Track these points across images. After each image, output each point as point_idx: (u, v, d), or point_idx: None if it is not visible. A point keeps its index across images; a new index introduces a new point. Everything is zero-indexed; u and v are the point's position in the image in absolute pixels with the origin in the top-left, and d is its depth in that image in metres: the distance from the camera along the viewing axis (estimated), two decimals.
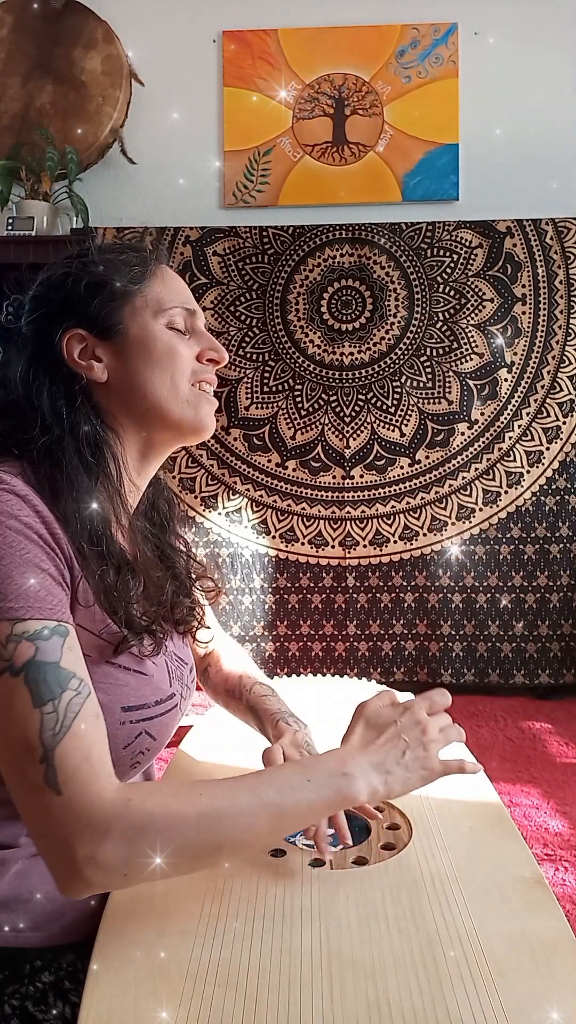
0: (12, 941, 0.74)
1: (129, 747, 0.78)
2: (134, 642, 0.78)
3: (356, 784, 0.71)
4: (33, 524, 0.71)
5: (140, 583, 0.81)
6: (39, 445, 0.76)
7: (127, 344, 0.82)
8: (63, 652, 0.67)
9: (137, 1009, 0.60)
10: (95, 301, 0.81)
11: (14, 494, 0.71)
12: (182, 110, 3.07)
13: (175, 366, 0.83)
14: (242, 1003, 0.60)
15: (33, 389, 0.79)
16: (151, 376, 0.82)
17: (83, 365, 0.81)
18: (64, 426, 0.78)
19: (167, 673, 0.84)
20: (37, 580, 0.68)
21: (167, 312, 0.84)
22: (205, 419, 0.86)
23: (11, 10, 2.95)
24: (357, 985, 0.62)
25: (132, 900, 0.73)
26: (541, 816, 1.73)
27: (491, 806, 0.94)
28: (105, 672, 0.76)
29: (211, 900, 0.73)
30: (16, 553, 0.68)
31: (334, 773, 0.71)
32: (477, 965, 0.64)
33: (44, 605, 0.68)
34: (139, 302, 0.83)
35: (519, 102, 3.00)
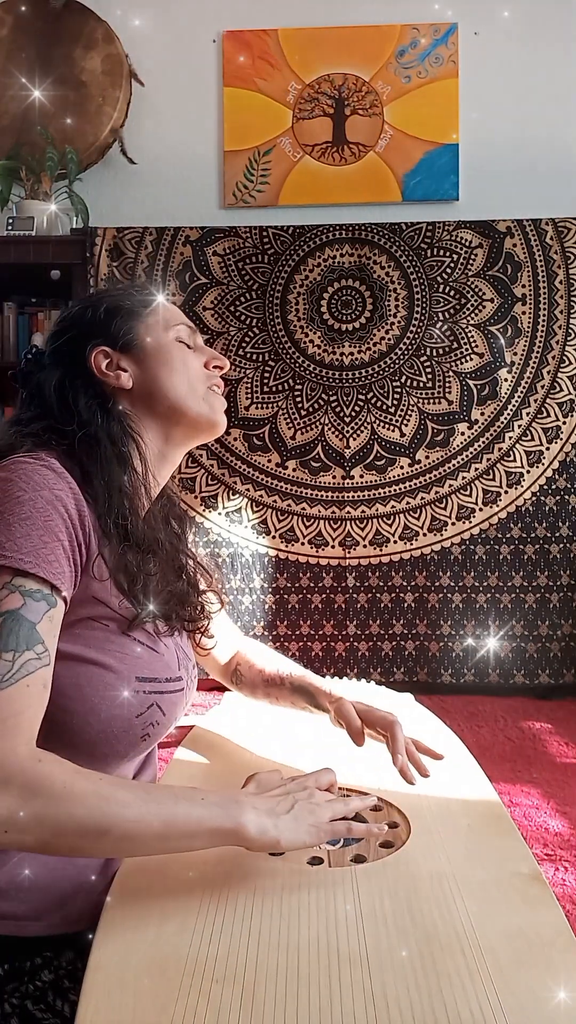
0: (12, 930, 0.74)
1: (141, 716, 0.82)
2: (147, 619, 0.85)
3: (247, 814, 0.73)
4: (63, 498, 0.79)
5: (157, 565, 0.89)
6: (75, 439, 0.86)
7: (146, 355, 0.94)
8: (43, 618, 0.72)
9: (136, 1006, 0.60)
10: (115, 321, 0.94)
11: (51, 470, 0.80)
12: (182, 110, 3.07)
13: (189, 371, 0.96)
14: (240, 999, 0.61)
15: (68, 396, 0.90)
16: (170, 379, 0.94)
17: (110, 375, 0.93)
18: (98, 425, 0.89)
19: (176, 658, 0.90)
20: (51, 546, 0.75)
21: (175, 327, 0.97)
22: (219, 415, 0.97)
23: (11, 10, 2.95)
24: (355, 981, 0.62)
25: (132, 897, 0.73)
26: (541, 816, 1.73)
27: (489, 804, 0.94)
28: (123, 643, 0.83)
29: (210, 897, 0.73)
30: (41, 517, 0.76)
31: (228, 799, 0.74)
32: (475, 961, 0.64)
33: (49, 569, 0.74)
34: (151, 320, 0.96)
35: (519, 102, 3.00)
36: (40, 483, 0.78)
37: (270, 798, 0.77)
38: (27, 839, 0.66)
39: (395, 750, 0.92)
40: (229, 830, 0.72)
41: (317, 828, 0.76)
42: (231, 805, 0.73)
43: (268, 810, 0.74)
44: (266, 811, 0.74)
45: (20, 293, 2.96)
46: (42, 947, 0.75)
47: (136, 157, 3.04)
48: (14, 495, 0.76)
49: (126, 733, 0.80)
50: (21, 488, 0.76)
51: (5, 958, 0.73)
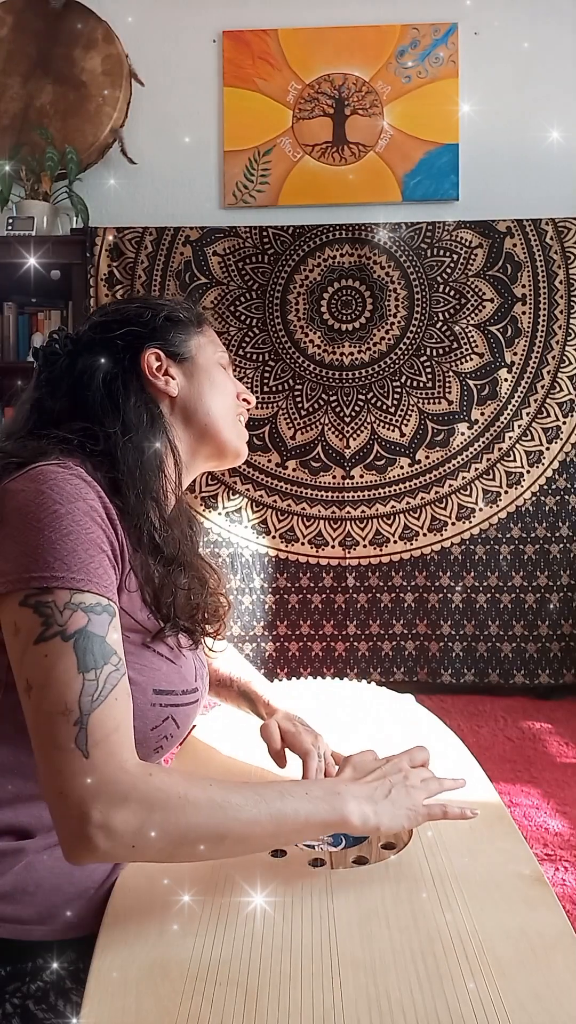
0: (16, 933, 0.74)
1: (156, 729, 0.82)
2: (170, 634, 0.84)
3: (349, 805, 0.74)
4: (97, 508, 0.77)
5: (185, 579, 0.89)
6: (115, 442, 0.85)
7: (196, 369, 0.96)
8: (109, 629, 0.72)
9: (138, 1008, 0.61)
10: (173, 330, 0.96)
11: (82, 480, 0.78)
12: (182, 110, 3.07)
13: (228, 396, 0.98)
14: (243, 1001, 0.61)
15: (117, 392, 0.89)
16: (213, 398, 0.96)
17: (160, 379, 0.93)
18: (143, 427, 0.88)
19: (194, 669, 0.90)
20: (98, 559, 0.74)
21: (220, 353, 1.01)
22: (243, 445, 1.00)
23: (11, 10, 2.95)
24: (358, 983, 0.62)
25: (134, 899, 0.73)
26: (541, 816, 1.73)
27: (491, 806, 0.94)
28: (143, 655, 0.82)
29: (212, 899, 0.73)
30: (83, 531, 0.74)
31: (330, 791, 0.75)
32: (477, 962, 0.64)
33: (101, 582, 0.73)
34: (203, 339, 0.99)
35: (519, 102, 3.00)
36: (74, 494, 0.76)
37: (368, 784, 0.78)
38: (151, 851, 0.67)
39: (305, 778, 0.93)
40: (334, 822, 0.74)
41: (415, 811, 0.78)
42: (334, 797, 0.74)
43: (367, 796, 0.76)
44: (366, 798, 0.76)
45: (20, 293, 2.96)
46: (45, 948, 0.75)
47: (136, 157, 3.04)
48: (51, 509, 0.73)
49: (140, 745, 0.79)
50: (56, 501, 0.74)
51: (7, 959, 0.74)
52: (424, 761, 0.85)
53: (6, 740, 0.77)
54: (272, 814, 0.71)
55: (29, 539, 0.72)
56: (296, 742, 0.98)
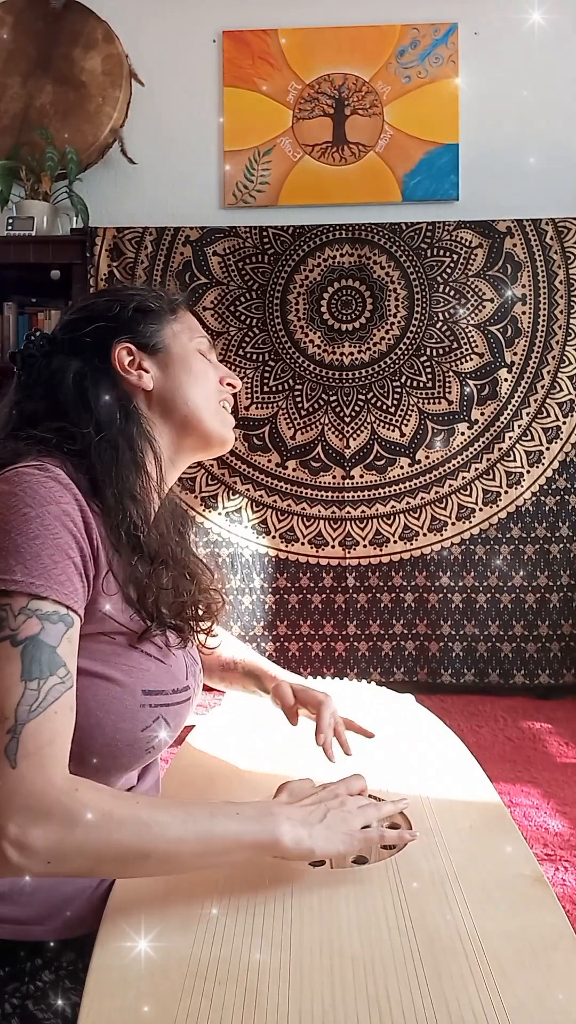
0: (15, 934, 0.74)
1: (146, 730, 0.81)
2: (157, 632, 0.83)
3: (282, 825, 0.73)
4: (71, 512, 0.76)
5: (170, 576, 0.87)
6: (89, 442, 0.83)
7: (170, 359, 0.93)
8: (62, 640, 0.71)
9: (138, 1007, 0.61)
10: (143, 321, 0.93)
11: (57, 482, 0.76)
12: (182, 110, 3.07)
13: (208, 383, 0.95)
14: (242, 1000, 0.61)
15: (87, 391, 0.87)
16: (191, 388, 0.93)
17: (132, 373, 0.91)
18: (116, 425, 0.86)
19: (185, 667, 0.89)
20: (61, 565, 0.73)
21: (198, 338, 0.97)
22: (228, 432, 0.98)
23: (11, 10, 2.95)
24: (358, 982, 0.62)
25: (134, 897, 0.73)
26: (541, 816, 1.73)
27: (491, 806, 0.94)
28: (131, 656, 0.81)
29: (211, 898, 0.73)
30: (50, 535, 0.73)
31: (262, 811, 0.74)
32: (477, 962, 0.64)
33: (62, 590, 0.72)
34: (177, 327, 0.96)
35: (519, 102, 3.00)
36: (46, 497, 0.74)
37: (303, 808, 0.77)
38: (69, 868, 0.67)
39: (319, 728, 0.96)
40: (266, 843, 0.72)
41: (351, 836, 0.76)
42: (266, 818, 0.73)
43: (302, 820, 0.75)
44: (300, 821, 0.75)
45: (20, 293, 2.96)
46: (43, 948, 0.75)
47: (136, 157, 3.04)
48: (20, 512, 0.73)
49: (131, 747, 0.79)
50: (27, 504, 0.73)
51: (7, 960, 0.73)
52: (362, 789, 0.85)
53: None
54: (199, 833, 0.70)
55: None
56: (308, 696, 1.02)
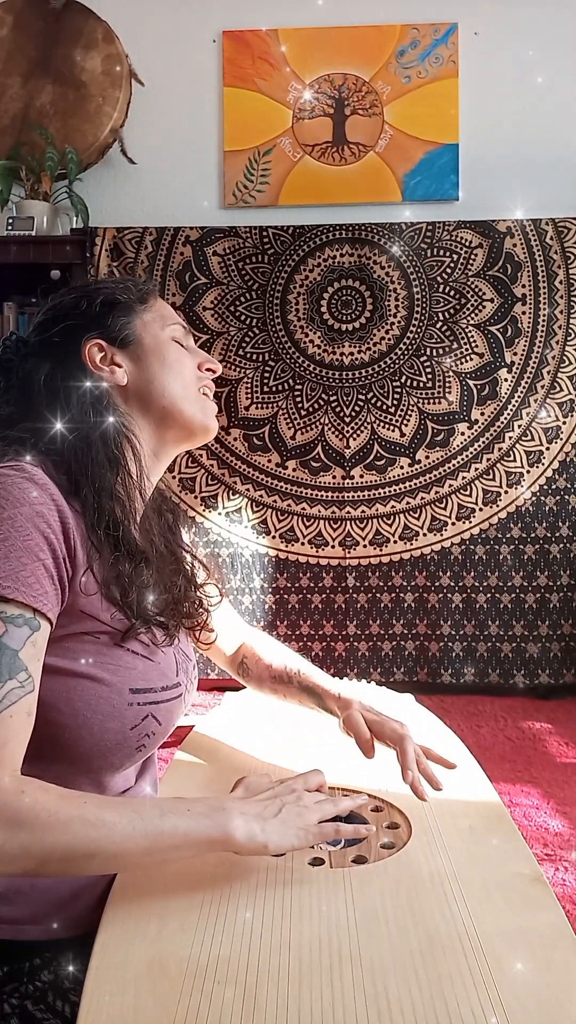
0: (12, 934, 0.74)
1: (136, 728, 0.81)
2: (142, 630, 0.82)
3: (234, 820, 0.73)
4: (45, 513, 0.75)
5: (152, 573, 0.86)
6: (65, 442, 0.82)
7: (143, 351, 0.92)
8: (26, 644, 0.70)
9: (137, 1007, 0.60)
10: (112, 314, 0.91)
11: (33, 483, 0.76)
12: (182, 110, 3.07)
13: (184, 371, 0.93)
14: (242, 1000, 0.61)
15: (59, 392, 0.86)
16: (167, 378, 0.91)
17: (105, 370, 0.89)
18: (90, 424, 0.85)
19: (175, 663, 0.88)
20: (31, 568, 0.72)
21: (171, 326, 0.95)
22: (210, 420, 0.95)
23: (11, 10, 2.95)
24: (357, 982, 0.62)
25: (133, 898, 0.73)
26: (541, 816, 1.73)
27: (491, 806, 0.94)
28: (116, 655, 0.80)
29: (211, 898, 0.73)
30: (20, 536, 0.72)
31: (214, 807, 0.74)
32: (477, 962, 0.64)
33: (29, 591, 0.71)
34: (148, 316, 0.94)
35: (519, 102, 3.00)
36: (20, 498, 0.74)
37: (257, 802, 0.77)
38: (14, 869, 0.66)
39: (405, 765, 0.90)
40: (216, 839, 0.72)
41: (305, 830, 0.76)
42: (217, 813, 0.73)
43: (256, 815, 0.74)
44: (254, 816, 0.74)
45: (20, 293, 2.96)
46: (42, 948, 0.75)
47: (136, 157, 3.04)
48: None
49: (120, 746, 0.78)
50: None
51: (5, 960, 0.73)
52: (320, 784, 0.84)
53: None
54: (148, 831, 0.69)
55: None
56: (385, 730, 0.95)
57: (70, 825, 0.66)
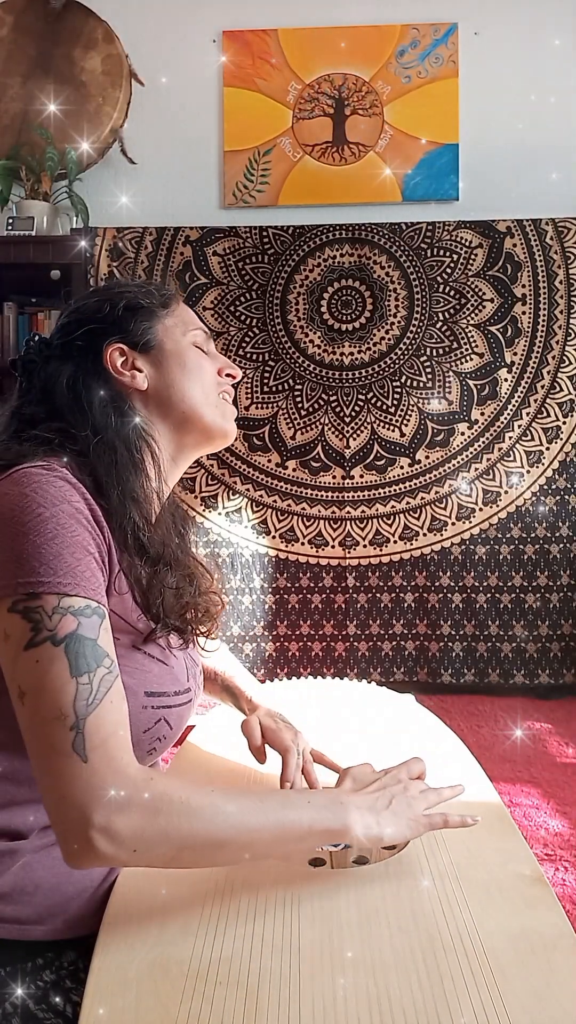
0: (15, 934, 0.74)
1: (149, 731, 0.82)
2: (162, 634, 0.83)
3: (352, 814, 0.74)
4: (83, 509, 0.76)
5: (173, 578, 0.87)
6: (88, 445, 0.83)
7: (164, 356, 0.92)
8: (100, 632, 0.72)
9: (138, 1007, 0.61)
10: (134, 319, 0.92)
11: (66, 481, 0.77)
12: (182, 110, 3.07)
13: (204, 377, 0.94)
14: (243, 1001, 0.61)
15: (82, 395, 0.87)
16: (187, 384, 0.92)
17: (126, 375, 0.90)
18: (112, 428, 0.86)
19: (185, 668, 0.89)
20: (84, 561, 0.73)
21: (192, 332, 0.95)
22: (229, 424, 0.96)
23: (11, 10, 2.95)
24: (358, 983, 0.62)
25: (134, 899, 0.73)
26: (541, 816, 1.73)
27: (491, 806, 0.94)
28: (133, 657, 0.81)
29: (212, 899, 0.73)
30: (68, 533, 0.73)
31: (332, 800, 0.76)
32: (478, 962, 0.64)
33: (89, 585, 0.72)
34: (169, 322, 0.94)
35: (519, 102, 3.00)
36: (57, 496, 0.75)
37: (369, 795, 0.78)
38: (153, 856, 0.67)
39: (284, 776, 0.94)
40: (337, 831, 0.74)
41: (416, 820, 0.78)
42: (336, 807, 0.75)
43: (369, 807, 0.76)
44: (368, 809, 0.76)
45: (20, 293, 2.96)
46: (44, 948, 0.75)
47: (136, 157, 3.04)
48: (35, 512, 0.72)
49: (134, 749, 0.79)
50: (40, 504, 0.73)
51: (7, 959, 0.73)
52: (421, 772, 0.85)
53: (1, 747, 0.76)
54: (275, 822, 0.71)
55: (14, 544, 0.71)
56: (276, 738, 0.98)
57: (203, 812, 0.68)
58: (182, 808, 0.67)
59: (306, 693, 1.36)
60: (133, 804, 0.66)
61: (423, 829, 0.78)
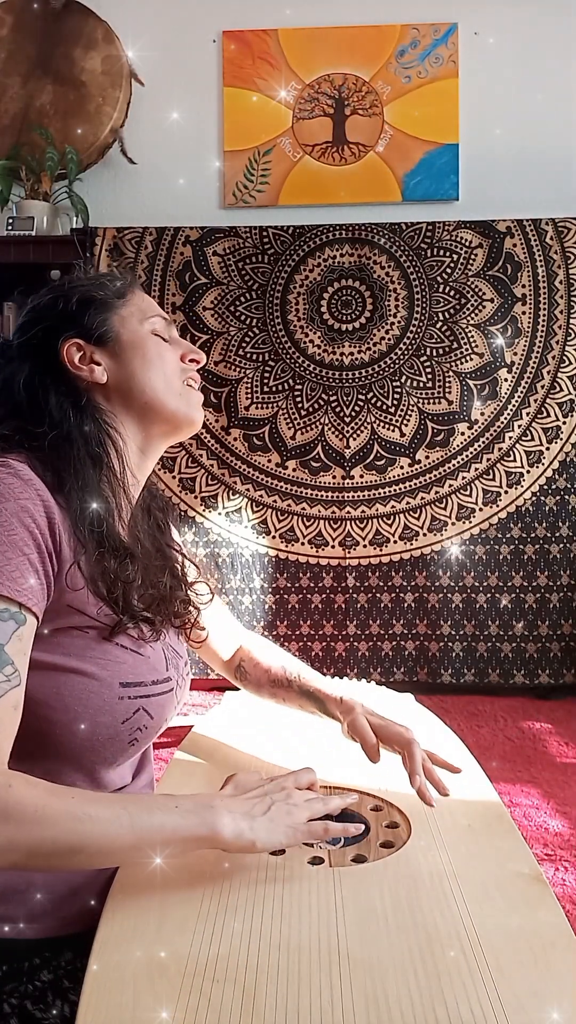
0: (11, 933, 0.74)
1: (127, 722, 0.81)
2: (130, 624, 0.82)
3: (222, 818, 0.73)
4: (31, 508, 0.75)
5: (138, 569, 0.86)
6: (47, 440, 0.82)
7: (121, 348, 0.91)
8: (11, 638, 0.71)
9: (136, 1006, 0.60)
10: (88, 313, 0.91)
11: (18, 478, 0.76)
12: (182, 110, 3.07)
13: (165, 365, 0.92)
14: (240, 1000, 0.60)
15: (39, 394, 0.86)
16: (147, 374, 0.91)
17: (84, 369, 0.89)
18: (71, 423, 0.85)
19: (164, 658, 0.88)
20: (15, 562, 0.72)
21: (150, 319, 0.94)
22: (195, 411, 0.95)
23: (11, 10, 2.95)
24: (356, 982, 0.62)
25: (131, 897, 0.73)
26: (541, 816, 1.73)
27: (490, 805, 0.94)
28: (105, 649, 0.81)
29: (210, 897, 0.73)
30: (4, 532, 0.72)
31: (202, 804, 0.74)
32: (476, 961, 0.64)
33: (14, 587, 0.71)
34: (125, 312, 0.93)
35: (519, 102, 3.00)
36: (4, 494, 0.74)
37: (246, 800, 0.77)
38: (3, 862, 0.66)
39: (412, 771, 0.90)
40: (204, 836, 0.72)
41: (294, 829, 0.76)
42: (205, 811, 0.73)
43: (244, 812, 0.74)
44: (242, 814, 0.74)
45: (20, 293, 2.95)
46: (41, 948, 0.75)
47: (136, 157, 3.04)
48: None
49: (113, 740, 0.79)
50: None
51: (3, 959, 0.73)
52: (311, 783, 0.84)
53: None
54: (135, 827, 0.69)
55: None
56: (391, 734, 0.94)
57: (57, 819, 0.66)
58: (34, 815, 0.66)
59: None
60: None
61: (301, 838, 0.76)
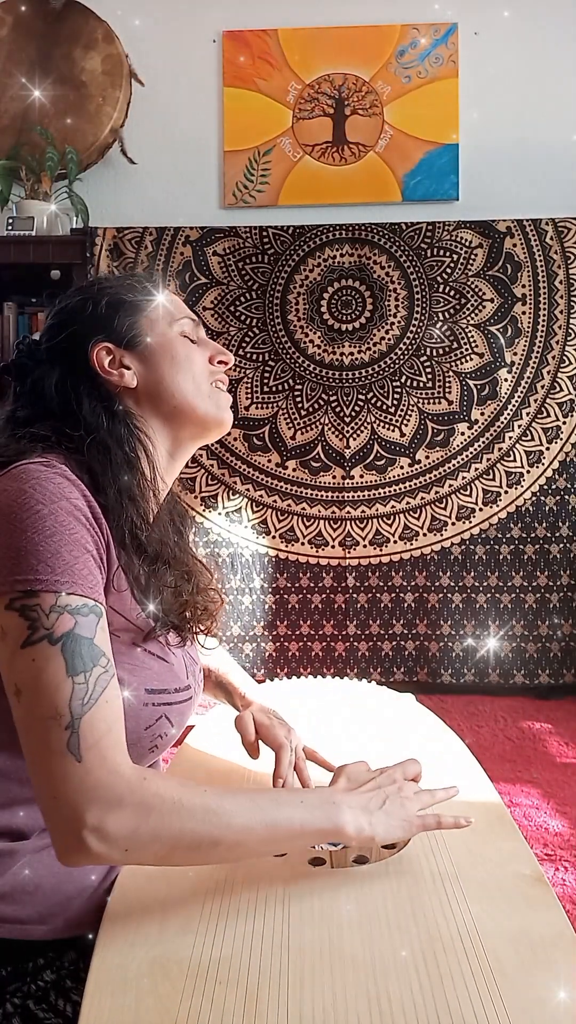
0: (16, 933, 0.74)
1: (150, 728, 0.82)
2: (161, 632, 0.84)
3: (344, 815, 0.75)
4: (81, 507, 0.76)
5: (171, 576, 0.87)
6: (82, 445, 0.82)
7: (150, 351, 0.90)
8: (97, 631, 0.72)
9: (138, 1007, 0.61)
10: (117, 317, 0.90)
11: (65, 478, 0.76)
12: (182, 110, 3.07)
13: (195, 368, 0.92)
14: (243, 1000, 0.61)
15: (71, 398, 0.86)
16: (176, 377, 0.90)
17: (114, 374, 0.88)
18: (104, 428, 0.85)
19: (184, 666, 0.89)
20: (82, 559, 0.73)
21: (179, 321, 0.93)
22: (224, 413, 0.94)
23: (11, 10, 2.95)
24: (358, 983, 0.62)
25: (134, 898, 0.73)
26: (541, 816, 1.73)
27: (491, 806, 0.94)
28: (134, 655, 0.82)
29: (212, 898, 0.73)
30: (66, 531, 0.73)
31: (325, 800, 0.76)
32: (478, 962, 0.64)
33: (86, 583, 0.72)
34: (154, 315, 0.92)
35: (519, 102, 3.00)
36: (56, 493, 0.74)
37: (362, 794, 0.78)
38: (145, 855, 0.68)
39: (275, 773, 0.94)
40: (328, 831, 0.74)
41: (409, 822, 0.78)
42: (328, 806, 0.75)
43: (362, 807, 0.76)
44: (361, 808, 0.76)
45: (20, 293, 2.96)
46: (45, 948, 0.75)
47: (136, 157, 3.04)
48: (34, 509, 0.72)
49: (135, 746, 0.79)
50: (39, 501, 0.72)
51: (8, 959, 0.73)
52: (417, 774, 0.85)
53: (1, 745, 0.76)
54: (266, 821, 0.71)
55: (12, 541, 0.71)
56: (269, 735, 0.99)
57: (195, 811, 0.68)
58: (174, 807, 0.67)
59: (306, 693, 1.36)
60: (126, 804, 0.66)
61: (416, 830, 0.78)
